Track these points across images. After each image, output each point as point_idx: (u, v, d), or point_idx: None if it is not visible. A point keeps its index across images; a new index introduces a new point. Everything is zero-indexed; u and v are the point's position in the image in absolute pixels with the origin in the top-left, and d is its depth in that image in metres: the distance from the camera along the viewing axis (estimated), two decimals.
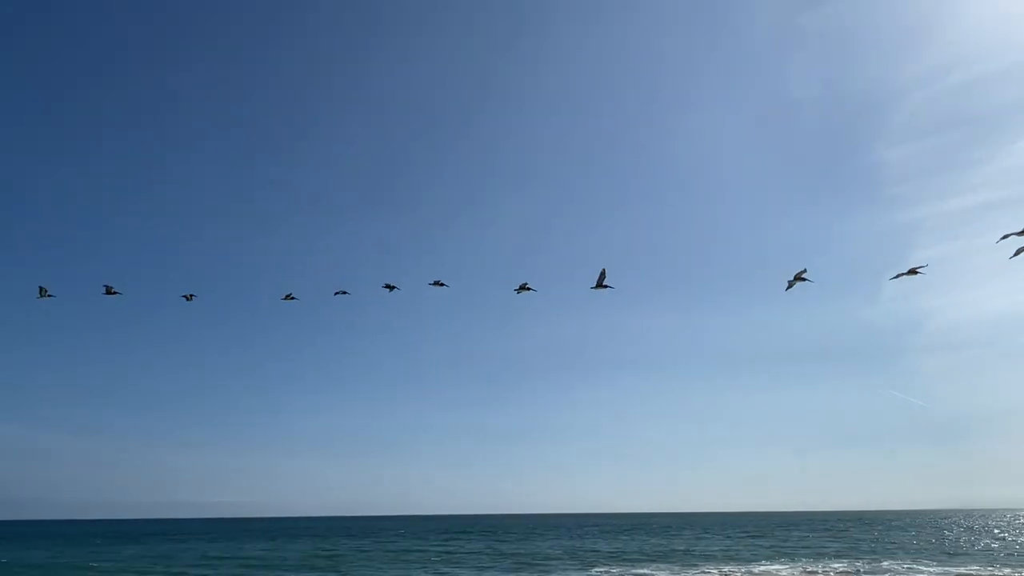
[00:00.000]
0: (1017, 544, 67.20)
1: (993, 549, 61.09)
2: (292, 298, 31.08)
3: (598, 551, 64.20)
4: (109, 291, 29.16)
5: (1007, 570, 43.26)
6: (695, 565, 48.88)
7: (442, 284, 30.16)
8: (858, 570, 43.23)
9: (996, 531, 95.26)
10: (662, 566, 48.10)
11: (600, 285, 25.51)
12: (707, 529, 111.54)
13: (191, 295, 31.07)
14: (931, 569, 42.96)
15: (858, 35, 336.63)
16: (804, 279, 24.44)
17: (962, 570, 42.79)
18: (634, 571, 45.19)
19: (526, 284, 27.28)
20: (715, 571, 44.02)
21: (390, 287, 30.39)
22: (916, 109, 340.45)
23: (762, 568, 45.43)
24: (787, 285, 25.13)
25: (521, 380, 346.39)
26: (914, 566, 44.96)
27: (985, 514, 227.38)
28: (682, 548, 66.33)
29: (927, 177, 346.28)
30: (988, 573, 41.21)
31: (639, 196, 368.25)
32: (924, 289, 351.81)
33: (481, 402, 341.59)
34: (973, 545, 66.39)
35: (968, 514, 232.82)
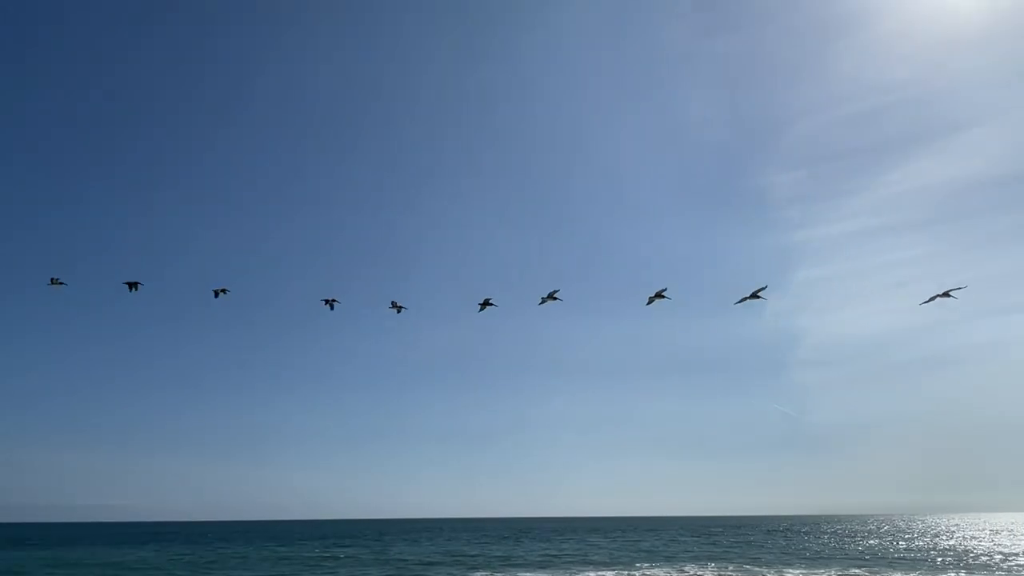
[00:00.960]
0: (879, 548, 71.21)
1: (856, 552, 64.35)
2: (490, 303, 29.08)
3: (483, 555, 63.40)
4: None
5: (865, 572, 45.12)
6: (574, 570, 48.86)
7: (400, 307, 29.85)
8: (730, 573, 44.23)
9: (859, 536, 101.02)
10: (543, 572, 47.76)
11: (549, 298, 26.52)
12: (593, 533, 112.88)
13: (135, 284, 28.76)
14: (797, 571, 44.52)
15: (755, 65, 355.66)
16: (664, 296, 25.51)
17: (822, 571, 44.44)
18: None
19: (489, 300, 27.41)
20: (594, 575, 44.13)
21: (330, 302, 29.48)
22: (802, 138, 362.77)
23: (642, 572, 45.92)
24: (648, 300, 26.12)
25: (414, 384, 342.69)
26: (785, 570, 46.49)
27: (850, 519, 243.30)
28: (568, 552, 66.51)
29: (809, 202, 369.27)
30: (849, 575, 42.94)
31: (543, 208, 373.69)
32: (803, 308, 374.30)
33: (373, 406, 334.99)
34: (839, 549, 69.80)
35: (836, 519, 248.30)
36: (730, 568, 48.40)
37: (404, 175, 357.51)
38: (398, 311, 30.25)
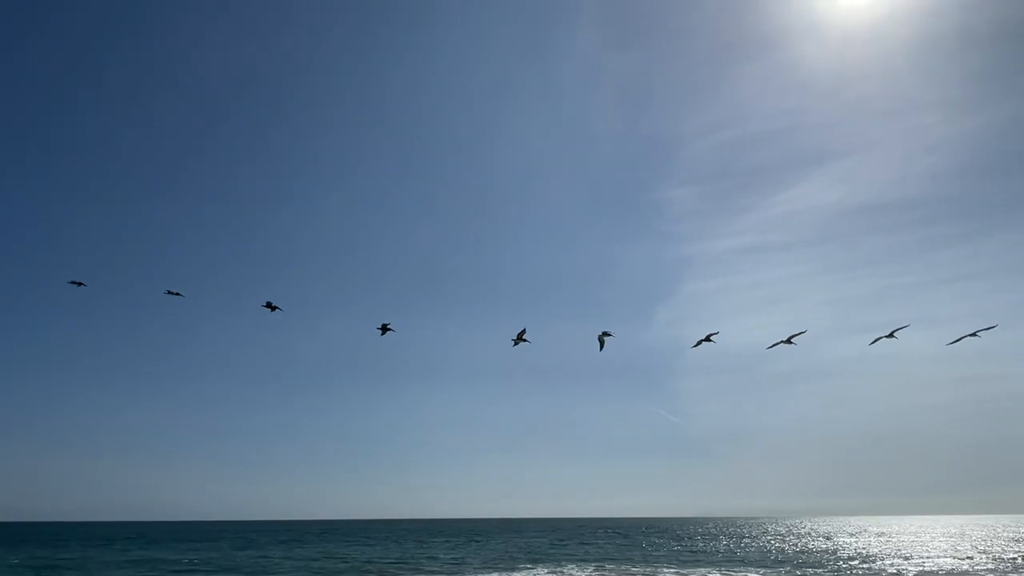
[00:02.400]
0: (754, 548, 72.70)
1: (732, 553, 65.20)
2: (274, 307, 27.61)
3: (355, 558, 60.00)
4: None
5: (743, 572, 45.07)
6: (447, 573, 46.43)
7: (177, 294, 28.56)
8: (608, 573, 43.15)
9: (737, 538, 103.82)
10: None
11: (519, 339, 26.64)
12: (477, 535, 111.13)
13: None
14: (671, 570, 43.98)
15: (655, 82, 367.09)
16: (524, 340, 26.48)
17: (694, 571, 44.09)
18: None
19: (387, 324, 26.79)
20: None
21: (271, 307, 27.72)
22: (697, 156, 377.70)
23: (522, 574, 44.06)
24: (513, 342, 26.82)
25: (299, 384, 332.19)
26: (662, 569, 45.95)
27: (731, 521, 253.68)
28: (444, 555, 64.10)
29: (701, 218, 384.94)
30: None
31: (444, 212, 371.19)
32: (691, 319, 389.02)
33: (257, 404, 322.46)
34: (715, 550, 70.70)
35: (717, 522, 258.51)
36: (608, 567, 47.52)
37: (301, 174, 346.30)
38: (272, 310, 27.91)
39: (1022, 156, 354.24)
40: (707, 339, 27.00)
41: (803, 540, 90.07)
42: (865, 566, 48.98)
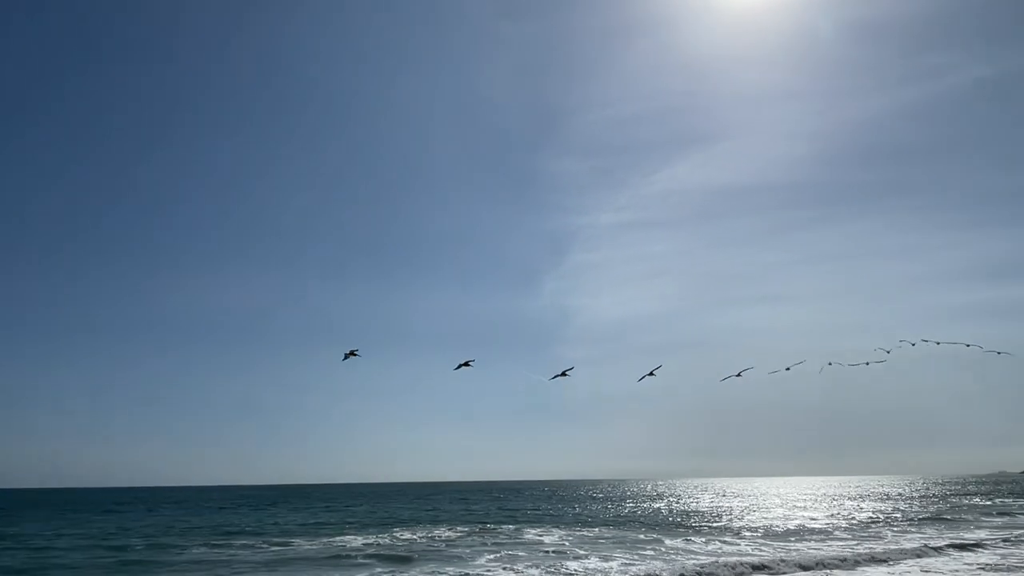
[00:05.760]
0: (627, 510, 72.48)
1: (619, 515, 64.26)
2: (355, 354, 26.11)
3: (237, 524, 53.84)
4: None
5: (627, 532, 43.50)
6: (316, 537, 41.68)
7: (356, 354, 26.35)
8: (499, 535, 40.14)
9: (617, 499, 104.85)
10: (301, 540, 39.83)
11: (464, 365, 26.54)
12: (342, 497, 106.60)
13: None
14: (559, 530, 41.71)
15: (548, 54, 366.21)
16: (470, 365, 26.35)
17: (585, 532, 42.14)
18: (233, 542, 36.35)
19: (354, 351, 25.84)
20: (354, 538, 37.27)
21: (352, 354, 26.10)
22: (584, 130, 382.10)
23: (391, 534, 40.01)
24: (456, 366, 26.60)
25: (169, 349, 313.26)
26: (549, 529, 43.58)
27: (605, 483, 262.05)
28: (297, 520, 59.10)
29: (586, 192, 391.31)
30: (611, 534, 40.72)
31: (333, 175, 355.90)
32: (574, 289, 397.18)
33: (161, 372, 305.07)
34: (602, 511, 69.83)
35: (596, 483, 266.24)
36: (477, 528, 44.66)
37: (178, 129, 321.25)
38: (353, 356, 26.20)
39: (881, 147, 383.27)
40: (563, 374, 28.28)
41: (660, 501, 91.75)
42: (731, 525, 48.59)
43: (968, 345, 32.53)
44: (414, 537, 40.13)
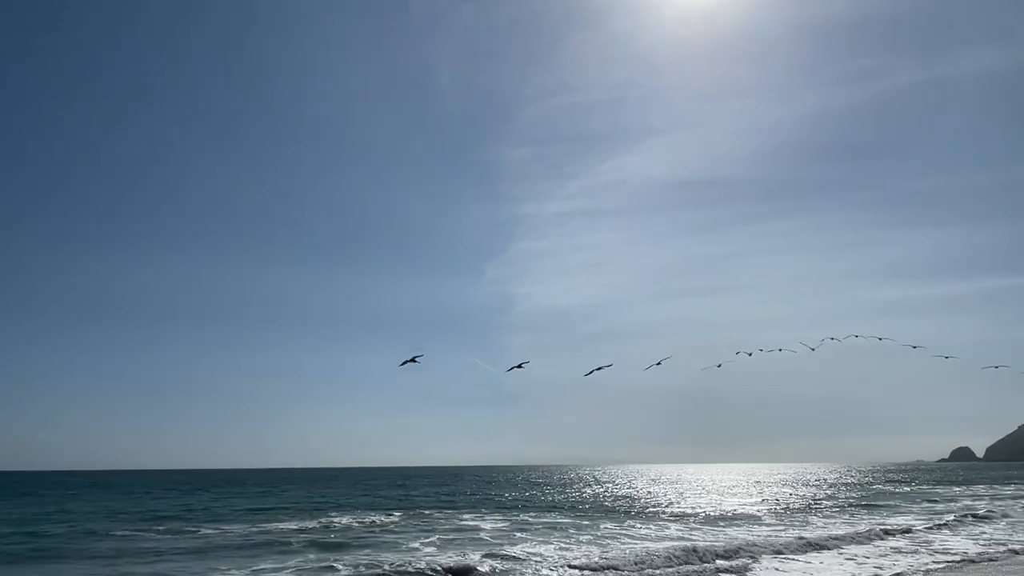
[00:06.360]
0: (567, 496, 73.20)
1: (556, 500, 64.73)
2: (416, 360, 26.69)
3: (165, 510, 51.99)
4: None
5: (563, 518, 43.72)
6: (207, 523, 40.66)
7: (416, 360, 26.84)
8: (422, 520, 39.87)
9: (555, 485, 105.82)
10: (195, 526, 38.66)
11: (410, 361, 26.37)
12: (281, 482, 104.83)
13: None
14: (496, 516, 41.73)
15: (500, 40, 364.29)
16: (416, 361, 26.26)
17: (522, 517, 42.25)
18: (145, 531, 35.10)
19: (416, 357, 26.39)
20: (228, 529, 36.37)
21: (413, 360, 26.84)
22: (534, 118, 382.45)
23: (317, 521, 39.32)
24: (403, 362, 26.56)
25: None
26: (485, 514, 43.56)
27: (549, 469, 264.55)
28: (225, 505, 57.72)
29: (534, 181, 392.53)
30: (547, 519, 40.90)
31: (274, 157, 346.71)
32: (519, 277, 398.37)
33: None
34: (540, 497, 70.31)
35: (534, 469, 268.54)
36: (412, 514, 44.38)
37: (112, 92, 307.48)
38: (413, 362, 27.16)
39: (826, 145, 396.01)
40: (519, 366, 28.30)
41: (597, 487, 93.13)
42: (665, 510, 49.53)
43: (880, 339, 33.84)
44: (349, 522, 39.56)
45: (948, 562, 23.63)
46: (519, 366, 28.29)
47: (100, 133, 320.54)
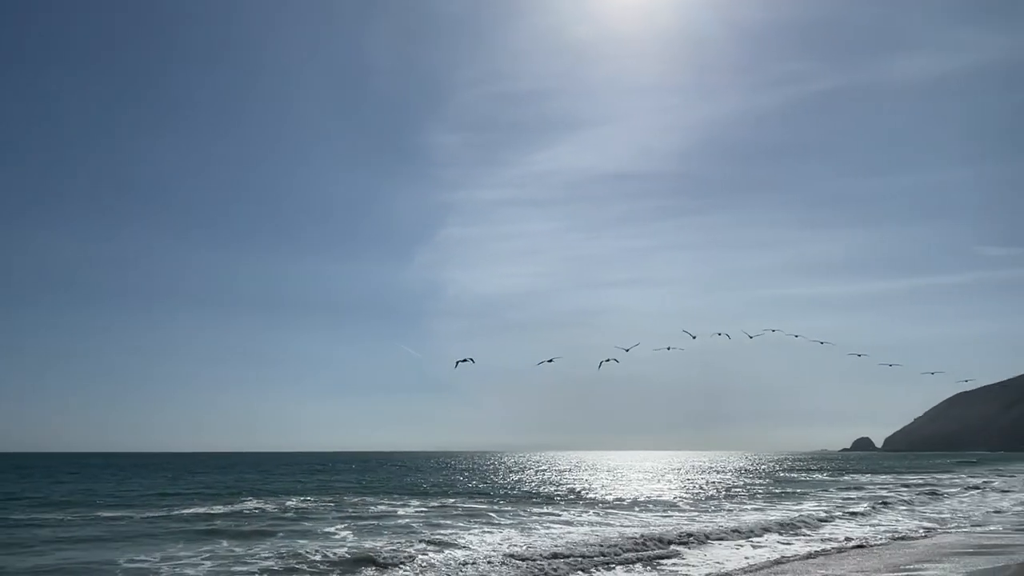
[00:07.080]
0: (498, 482, 73.60)
1: (478, 487, 64.92)
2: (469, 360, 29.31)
3: (64, 493, 49.12)
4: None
5: (484, 504, 43.94)
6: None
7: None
8: (326, 503, 39.20)
9: (478, 472, 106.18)
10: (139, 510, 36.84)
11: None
12: (207, 468, 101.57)
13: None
14: (419, 503, 41.46)
15: (434, 23, 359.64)
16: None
17: (442, 503, 42.19)
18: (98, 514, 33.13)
19: (468, 358, 29.08)
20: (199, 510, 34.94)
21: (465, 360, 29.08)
22: (468, 104, 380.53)
23: (231, 506, 38.10)
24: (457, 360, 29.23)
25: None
26: (406, 500, 43.19)
27: (466, 455, 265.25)
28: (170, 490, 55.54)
29: (467, 167, 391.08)
30: (468, 506, 40.90)
31: (196, 131, 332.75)
32: (447, 263, 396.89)
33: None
34: (462, 483, 70.39)
35: (457, 455, 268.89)
36: (328, 499, 43.61)
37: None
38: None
39: (752, 145, 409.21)
40: (465, 361, 30.42)
41: (520, 473, 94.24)
42: (585, 497, 50.49)
43: (797, 336, 35.57)
44: (264, 507, 38.46)
45: (839, 548, 24.75)
46: (466, 360, 29.78)
47: (42, 109, 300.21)
